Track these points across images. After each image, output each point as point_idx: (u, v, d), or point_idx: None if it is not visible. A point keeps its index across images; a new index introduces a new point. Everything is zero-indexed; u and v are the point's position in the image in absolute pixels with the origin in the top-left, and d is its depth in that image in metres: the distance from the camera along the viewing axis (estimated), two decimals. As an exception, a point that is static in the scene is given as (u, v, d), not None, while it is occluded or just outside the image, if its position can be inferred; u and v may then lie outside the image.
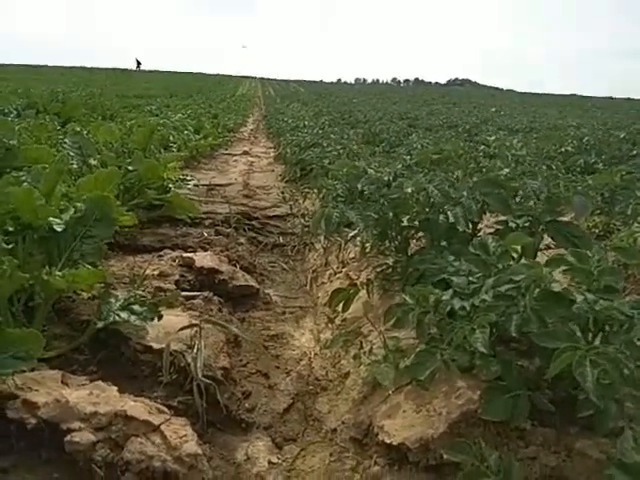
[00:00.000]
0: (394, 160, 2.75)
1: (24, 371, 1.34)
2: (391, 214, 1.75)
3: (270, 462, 1.40)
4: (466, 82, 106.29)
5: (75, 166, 2.81)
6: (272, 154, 8.07)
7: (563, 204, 1.87)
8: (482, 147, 2.03)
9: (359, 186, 2.35)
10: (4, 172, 2.67)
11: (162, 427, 1.23)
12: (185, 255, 2.56)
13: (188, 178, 3.86)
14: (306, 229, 3.55)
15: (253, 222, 3.88)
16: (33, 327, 1.54)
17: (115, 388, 1.35)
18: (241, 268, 2.77)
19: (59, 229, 1.64)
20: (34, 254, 1.87)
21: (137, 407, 1.26)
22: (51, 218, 1.66)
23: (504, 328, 1.21)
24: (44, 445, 1.27)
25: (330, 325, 2.13)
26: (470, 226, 1.72)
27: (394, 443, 1.28)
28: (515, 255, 1.55)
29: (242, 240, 3.35)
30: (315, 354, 1.97)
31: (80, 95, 11.82)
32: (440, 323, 1.29)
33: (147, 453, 1.18)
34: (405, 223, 1.78)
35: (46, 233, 1.77)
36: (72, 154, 2.87)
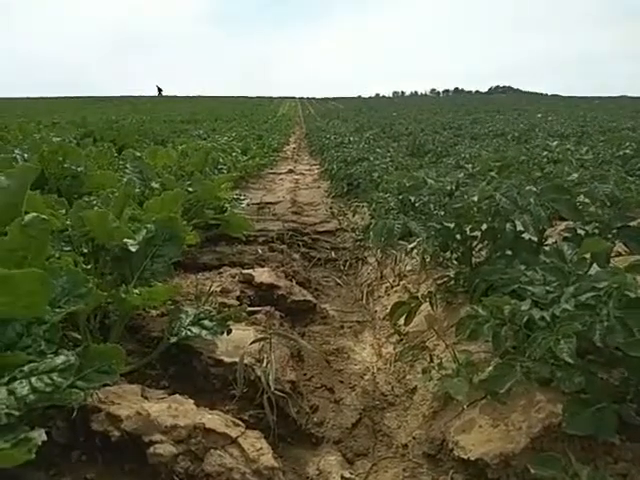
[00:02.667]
0: (452, 169, 2.72)
1: (107, 385, 1.40)
2: (453, 224, 1.73)
3: (343, 477, 1.39)
4: (508, 89, 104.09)
5: (137, 190, 2.94)
6: (316, 171, 8.17)
7: (632, 208, 1.80)
8: (545, 153, 1.98)
9: (412, 198, 2.35)
10: (73, 197, 2.84)
11: (239, 440, 1.26)
12: (244, 272, 2.62)
13: (241, 197, 3.96)
14: (357, 243, 3.56)
15: (304, 238, 3.93)
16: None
17: (192, 401, 1.39)
18: (297, 283, 2.80)
19: (133, 249, 1.72)
20: (106, 274, 1.97)
21: (214, 420, 1.29)
22: (125, 239, 1.74)
23: (586, 338, 1.16)
24: (127, 457, 1.32)
25: (391, 339, 2.11)
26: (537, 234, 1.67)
27: (471, 458, 1.25)
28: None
29: (296, 256, 3.40)
30: (378, 369, 1.96)
31: (131, 123, 12.43)
32: (517, 335, 1.26)
33: (227, 465, 1.20)
34: (468, 233, 1.75)
35: (119, 253, 1.85)
36: (134, 178, 3.01)
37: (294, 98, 64.69)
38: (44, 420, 1.37)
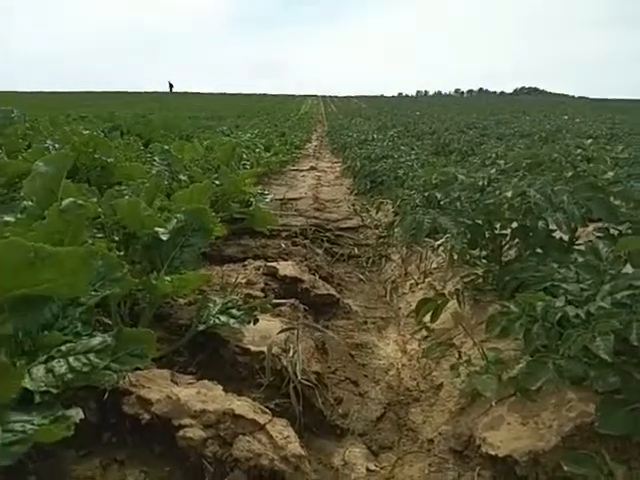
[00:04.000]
0: (480, 167, 2.70)
1: (137, 369, 1.43)
2: (483, 221, 1.71)
3: (368, 469, 1.39)
4: (534, 90, 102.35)
5: (165, 182, 2.99)
6: (338, 169, 8.17)
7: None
8: (579, 151, 1.94)
9: (438, 195, 2.33)
10: (102, 187, 2.90)
11: (267, 427, 1.27)
12: (269, 264, 2.64)
13: (265, 192, 3.99)
14: (381, 240, 3.55)
15: (327, 234, 3.93)
16: (139, 330, 1.63)
17: (220, 387, 1.41)
18: (320, 278, 2.81)
19: (164, 238, 1.75)
20: (136, 262, 2.01)
21: (243, 406, 1.30)
22: (157, 228, 1.77)
23: (621, 337, 1.14)
24: (156, 440, 1.34)
25: (416, 336, 2.10)
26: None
27: (499, 455, 1.24)
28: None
29: (319, 251, 3.41)
30: (403, 365, 1.95)
31: (157, 118, 12.59)
32: (549, 333, 1.24)
33: (255, 451, 1.21)
34: (498, 230, 1.74)
35: (149, 242, 1.89)
36: (162, 170, 3.05)
37: (316, 96, 64.88)
38: (77, 402, 1.40)
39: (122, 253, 1.81)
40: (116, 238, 2.01)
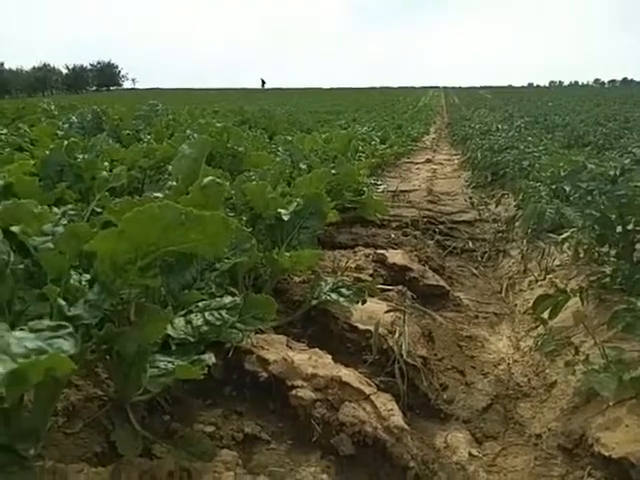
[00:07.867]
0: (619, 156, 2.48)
1: (259, 332, 1.59)
2: (614, 214, 1.59)
3: (470, 454, 1.40)
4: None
5: (287, 170, 3.19)
6: (456, 161, 7.93)
7: None
8: None
9: (567, 188, 2.19)
10: (233, 173, 3.18)
11: (372, 397, 1.34)
12: (378, 252, 2.70)
13: (378, 183, 4.06)
14: (499, 235, 3.42)
15: (440, 226, 3.88)
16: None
17: (329, 356, 1.51)
18: (430, 269, 2.80)
19: (286, 218, 1.91)
20: (260, 240, 2.20)
21: (350, 375, 1.39)
22: (279, 209, 1.93)
23: None
24: (271, 397, 1.48)
25: (532, 333, 2.02)
26: None
27: (613, 457, 1.18)
28: None
29: (430, 242, 3.39)
30: (514, 360, 1.90)
31: (281, 113, 13.27)
32: (682, 332, 1.14)
33: (360, 418, 1.29)
34: (631, 226, 1.60)
35: (272, 222, 2.06)
36: (286, 158, 3.26)
37: (438, 87, 63.05)
38: (205, 358, 1.60)
39: (249, 230, 2.00)
40: (244, 217, 2.23)
